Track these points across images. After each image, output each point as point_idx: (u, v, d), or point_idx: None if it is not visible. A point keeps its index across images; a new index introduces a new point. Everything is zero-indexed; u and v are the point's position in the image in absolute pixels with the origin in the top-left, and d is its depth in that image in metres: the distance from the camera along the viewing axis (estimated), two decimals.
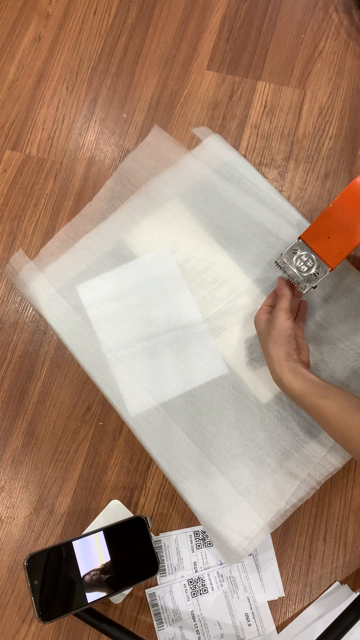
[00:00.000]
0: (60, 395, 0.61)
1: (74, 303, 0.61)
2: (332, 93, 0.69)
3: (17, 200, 0.68)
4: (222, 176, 0.64)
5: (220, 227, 0.63)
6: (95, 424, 0.60)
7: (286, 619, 0.54)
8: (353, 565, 0.56)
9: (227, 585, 0.55)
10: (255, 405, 0.57)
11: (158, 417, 0.57)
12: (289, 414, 0.57)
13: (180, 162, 0.65)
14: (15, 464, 0.60)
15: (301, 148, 0.68)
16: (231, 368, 0.59)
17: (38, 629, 0.55)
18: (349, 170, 0.66)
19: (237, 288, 0.61)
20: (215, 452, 0.56)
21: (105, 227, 0.64)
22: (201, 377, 0.58)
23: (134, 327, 0.60)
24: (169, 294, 0.61)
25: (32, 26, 0.75)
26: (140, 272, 0.62)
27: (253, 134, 0.68)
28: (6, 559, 0.57)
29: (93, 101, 0.72)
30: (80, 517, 0.58)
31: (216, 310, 0.60)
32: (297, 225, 0.62)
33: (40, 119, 0.71)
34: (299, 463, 0.55)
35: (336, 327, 0.59)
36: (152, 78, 0.72)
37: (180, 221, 0.63)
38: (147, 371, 0.59)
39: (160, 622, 0.54)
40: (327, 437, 0.55)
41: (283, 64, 0.71)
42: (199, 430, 0.57)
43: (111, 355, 0.59)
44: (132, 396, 0.58)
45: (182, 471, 0.56)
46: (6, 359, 0.63)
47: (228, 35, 0.73)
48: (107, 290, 0.62)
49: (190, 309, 0.61)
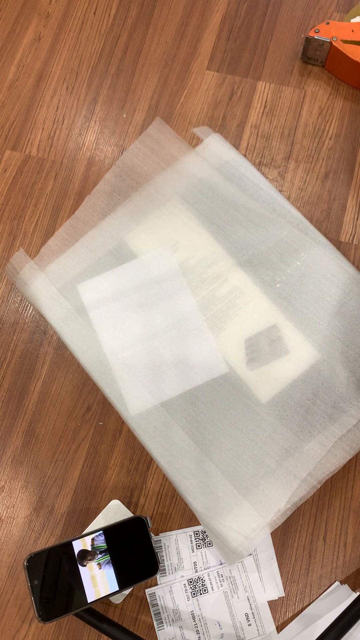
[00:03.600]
0: (60, 395, 0.61)
1: (74, 302, 0.61)
2: (332, 93, 0.69)
3: (17, 200, 0.68)
4: (222, 176, 0.64)
5: (221, 227, 0.63)
6: (95, 424, 0.60)
7: (286, 619, 0.54)
8: (353, 565, 0.56)
9: (227, 585, 0.55)
10: (256, 405, 0.57)
11: (158, 417, 0.57)
12: (289, 414, 0.57)
13: (181, 160, 0.65)
14: (15, 464, 0.60)
15: (301, 148, 0.68)
16: (232, 367, 0.59)
17: (38, 629, 0.55)
18: (349, 170, 0.66)
19: (237, 287, 0.61)
20: (215, 452, 0.56)
21: (106, 226, 0.64)
22: (202, 376, 0.58)
23: (135, 326, 0.60)
24: (169, 293, 0.61)
25: (32, 26, 0.75)
26: (140, 272, 0.62)
27: (253, 134, 0.69)
28: (6, 559, 0.57)
29: (93, 101, 0.72)
30: (80, 517, 0.58)
31: (217, 309, 0.60)
32: (297, 224, 0.62)
33: (40, 119, 0.71)
34: (299, 463, 0.55)
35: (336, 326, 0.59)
36: (152, 78, 0.72)
37: (180, 220, 0.63)
38: (147, 370, 0.59)
39: (160, 622, 0.54)
40: (327, 437, 0.55)
41: (283, 64, 0.71)
42: (199, 430, 0.57)
43: (112, 354, 0.59)
44: (133, 395, 0.58)
45: (182, 471, 0.56)
46: (6, 359, 0.63)
47: (228, 35, 0.73)
48: (108, 290, 0.62)
49: (190, 308, 0.61)
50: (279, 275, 0.61)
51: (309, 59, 0.70)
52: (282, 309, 0.60)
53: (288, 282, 0.61)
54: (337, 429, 0.55)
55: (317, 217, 0.66)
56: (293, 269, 0.61)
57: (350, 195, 0.66)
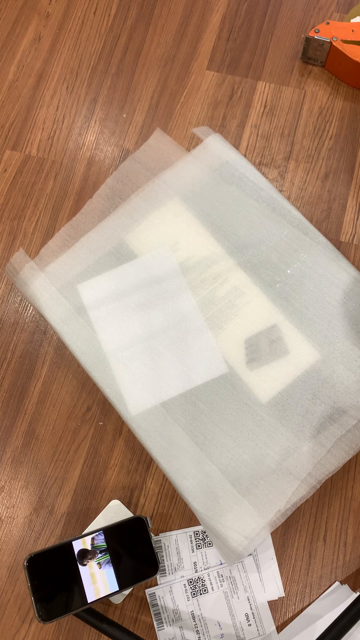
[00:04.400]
0: (60, 395, 0.61)
1: (74, 302, 0.61)
2: (332, 93, 0.69)
3: (17, 200, 0.68)
4: (222, 176, 0.64)
5: (221, 227, 0.63)
6: (95, 424, 0.60)
7: (286, 619, 0.54)
8: (353, 565, 0.56)
9: (227, 585, 0.55)
10: (256, 405, 0.57)
11: (158, 417, 0.57)
12: (289, 414, 0.57)
13: (181, 161, 0.65)
14: (15, 464, 0.60)
15: (301, 148, 0.68)
16: (232, 367, 0.59)
17: (38, 629, 0.55)
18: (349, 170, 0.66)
19: (237, 287, 0.61)
20: (215, 452, 0.56)
21: (106, 226, 0.64)
22: (202, 376, 0.58)
23: (135, 326, 0.60)
24: (169, 293, 0.61)
25: (32, 26, 0.75)
26: (140, 272, 0.62)
27: (253, 134, 0.69)
28: (6, 559, 0.57)
29: (93, 101, 0.72)
30: (80, 517, 0.58)
31: (217, 309, 0.60)
32: (297, 224, 0.62)
33: (40, 119, 0.71)
34: (299, 463, 0.55)
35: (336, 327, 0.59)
36: (152, 78, 0.72)
37: (181, 221, 0.63)
38: (147, 370, 0.59)
39: (160, 622, 0.54)
40: (327, 437, 0.55)
41: (283, 64, 0.71)
42: (200, 430, 0.57)
43: (112, 354, 0.59)
44: (133, 395, 0.58)
45: (182, 471, 0.56)
46: (6, 359, 0.63)
47: (228, 35, 0.73)
48: (108, 290, 0.62)
49: (190, 308, 0.61)
50: (279, 275, 0.61)
51: (309, 59, 0.70)
52: (282, 309, 0.60)
53: (288, 282, 0.61)
54: (337, 429, 0.55)
55: (317, 217, 0.66)
56: (293, 269, 0.61)
57: (350, 195, 0.66)
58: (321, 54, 0.68)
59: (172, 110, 0.70)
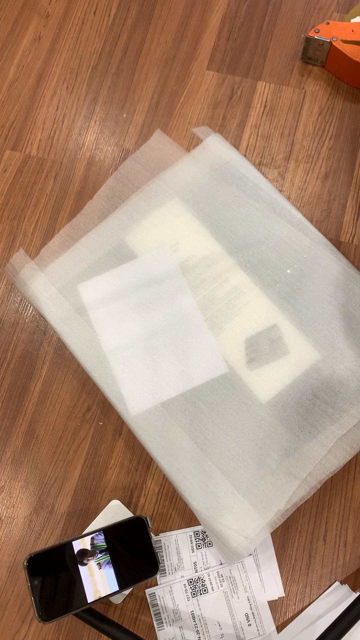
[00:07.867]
0: (60, 395, 0.61)
1: (74, 303, 0.61)
2: (332, 93, 0.69)
3: (17, 200, 0.68)
4: (222, 176, 0.64)
5: (221, 227, 0.63)
6: (95, 424, 0.60)
7: (286, 619, 0.54)
8: (353, 565, 0.56)
9: (227, 585, 0.55)
10: (256, 405, 0.57)
11: (158, 417, 0.57)
12: (289, 414, 0.57)
13: (181, 162, 0.65)
14: (15, 464, 0.60)
15: (301, 148, 0.68)
16: (232, 367, 0.59)
17: (38, 629, 0.55)
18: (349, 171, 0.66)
19: (237, 287, 0.61)
20: (215, 452, 0.56)
21: (106, 226, 0.64)
22: (202, 376, 0.58)
23: (135, 326, 0.60)
24: (169, 293, 0.61)
25: (32, 26, 0.75)
26: (140, 272, 0.62)
27: (253, 134, 0.69)
28: (6, 559, 0.57)
29: (93, 101, 0.72)
30: (80, 517, 0.58)
31: (217, 309, 0.60)
32: (297, 224, 0.62)
33: (40, 119, 0.71)
34: (299, 463, 0.55)
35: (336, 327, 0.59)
36: (152, 78, 0.72)
37: (181, 221, 0.63)
38: (147, 370, 0.59)
39: (160, 622, 0.54)
40: (327, 437, 0.55)
41: (283, 64, 0.71)
42: (200, 430, 0.57)
43: (112, 354, 0.59)
44: (133, 395, 0.58)
45: (182, 471, 0.56)
46: (6, 359, 0.63)
47: (228, 35, 0.73)
48: (108, 290, 0.62)
49: (190, 308, 0.61)
50: (278, 275, 0.61)
51: (309, 59, 0.70)
52: (282, 309, 0.60)
53: (288, 282, 0.61)
54: (337, 429, 0.55)
55: (317, 217, 0.66)
56: (293, 269, 0.61)
57: (350, 195, 0.66)
58: (321, 54, 0.68)
59: (172, 110, 0.70)
